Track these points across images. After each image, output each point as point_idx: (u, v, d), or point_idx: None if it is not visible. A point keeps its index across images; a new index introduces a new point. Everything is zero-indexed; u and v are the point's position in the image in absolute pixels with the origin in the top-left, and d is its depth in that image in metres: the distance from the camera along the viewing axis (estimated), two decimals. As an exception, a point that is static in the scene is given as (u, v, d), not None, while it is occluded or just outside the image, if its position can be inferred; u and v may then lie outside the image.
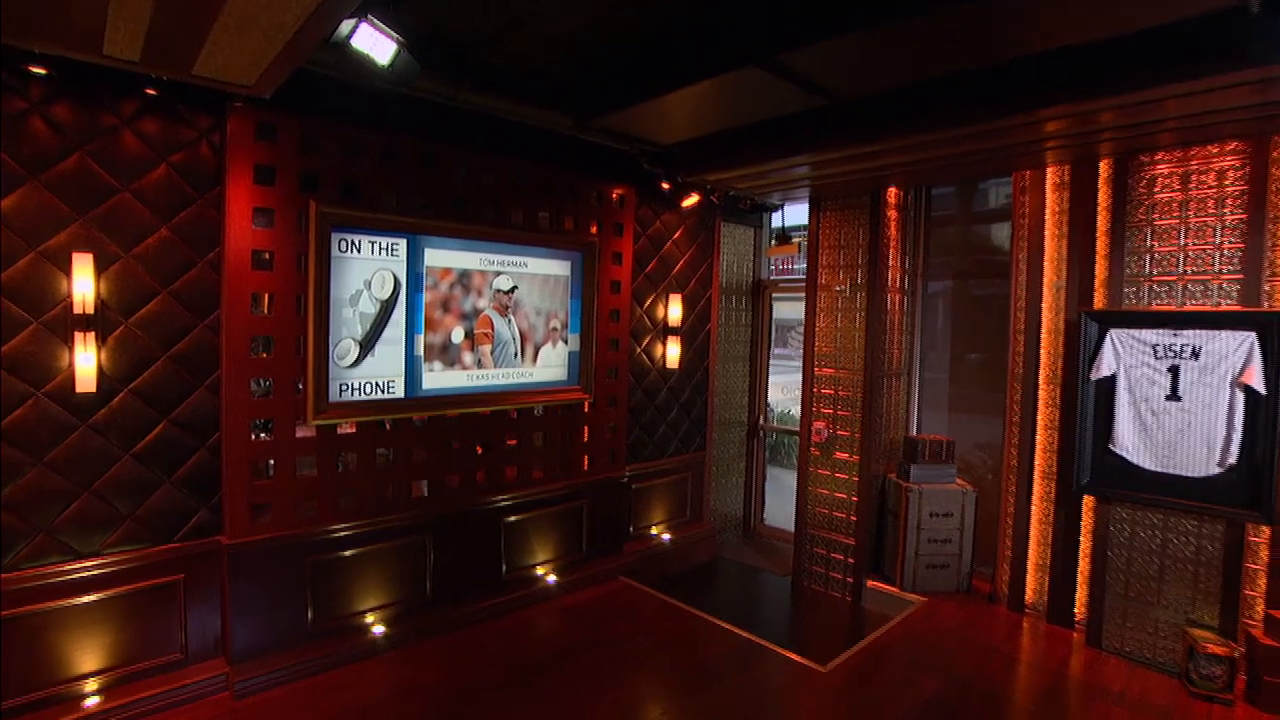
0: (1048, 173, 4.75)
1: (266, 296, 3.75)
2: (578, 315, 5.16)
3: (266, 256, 3.73)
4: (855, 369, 5.49)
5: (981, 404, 5.63)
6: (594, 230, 5.22)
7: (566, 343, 5.13)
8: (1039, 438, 4.80)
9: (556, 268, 5.03)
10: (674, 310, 5.91)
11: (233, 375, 3.63)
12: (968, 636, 4.55)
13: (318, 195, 3.84)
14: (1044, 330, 4.78)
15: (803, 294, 5.88)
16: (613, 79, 4.16)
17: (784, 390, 10.00)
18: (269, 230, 3.70)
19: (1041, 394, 4.79)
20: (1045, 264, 4.76)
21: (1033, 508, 4.82)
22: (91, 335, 3.21)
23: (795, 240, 6.24)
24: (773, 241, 6.32)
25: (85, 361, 3.20)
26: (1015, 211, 4.94)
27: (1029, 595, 4.83)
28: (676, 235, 5.94)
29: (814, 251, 5.72)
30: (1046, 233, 4.76)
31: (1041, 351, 4.80)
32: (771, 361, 7.03)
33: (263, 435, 3.83)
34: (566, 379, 5.15)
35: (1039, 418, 4.80)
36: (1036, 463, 4.81)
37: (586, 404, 5.26)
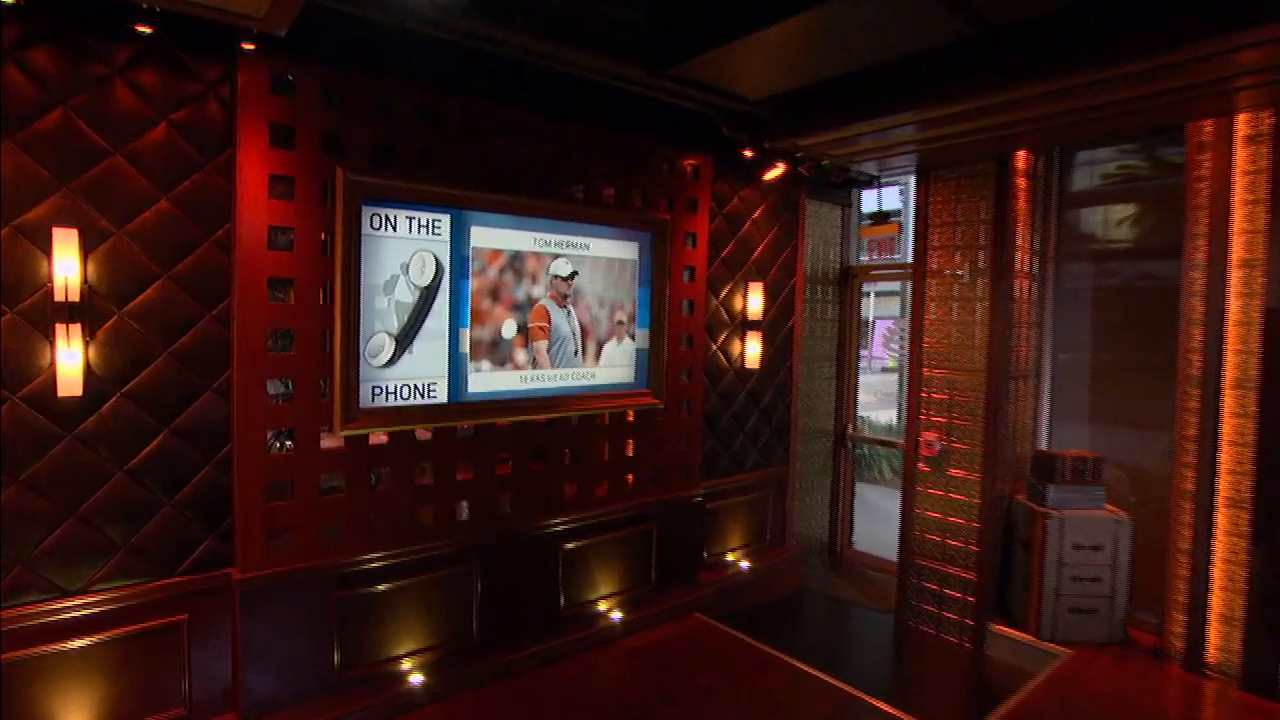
0: (1237, 121, 3.87)
1: (286, 282, 3.21)
2: (646, 306, 4.51)
3: (286, 234, 3.20)
4: (975, 369, 4.68)
5: (1131, 413, 4.74)
6: (665, 207, 4.56)
7: (634, 339, 4.48)
8: (1223, 456, 3.91)
9: (623, 250, 4.38)
10: (754, 301, 5.20)
11: (246, 376, 3.10)
12: (1139, 704, 3.70)
13: (345, 161, 3.29)
14: (1230, 321, 3.90)
15: (900, 283, 5.11)
16: (694, 15, 3.49)
17: (872, 394, 9.16)
18: (288, 203, 3.16)
19: (1227, 401, 3.90)
20: (1233, 237, 3.87)
21: (1215, 543, 3.93)
22: (77, 328, 2.71)
23: (894, 220, 5.45)
24: (866, 221, 5.54)
25: (69, 359, 2.70)
26: (1190, 173, 4.05)
27: (1211, 653, 3.94)
28: (757, 214, 5.23)
29: (922, 230, 4.93)
30: (1235, 198, 3.87)
31: (1227, 348, 3.91)
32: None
33: (285, 444, 3.30)
34: (634, 381, 4.50)
35: (1223, 430, 3.91)
36: (1220, 487, 3.92)
37: (656, 410, 4.60)
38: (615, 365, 4.41)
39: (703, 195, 4.76)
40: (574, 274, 4.16)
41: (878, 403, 11.92)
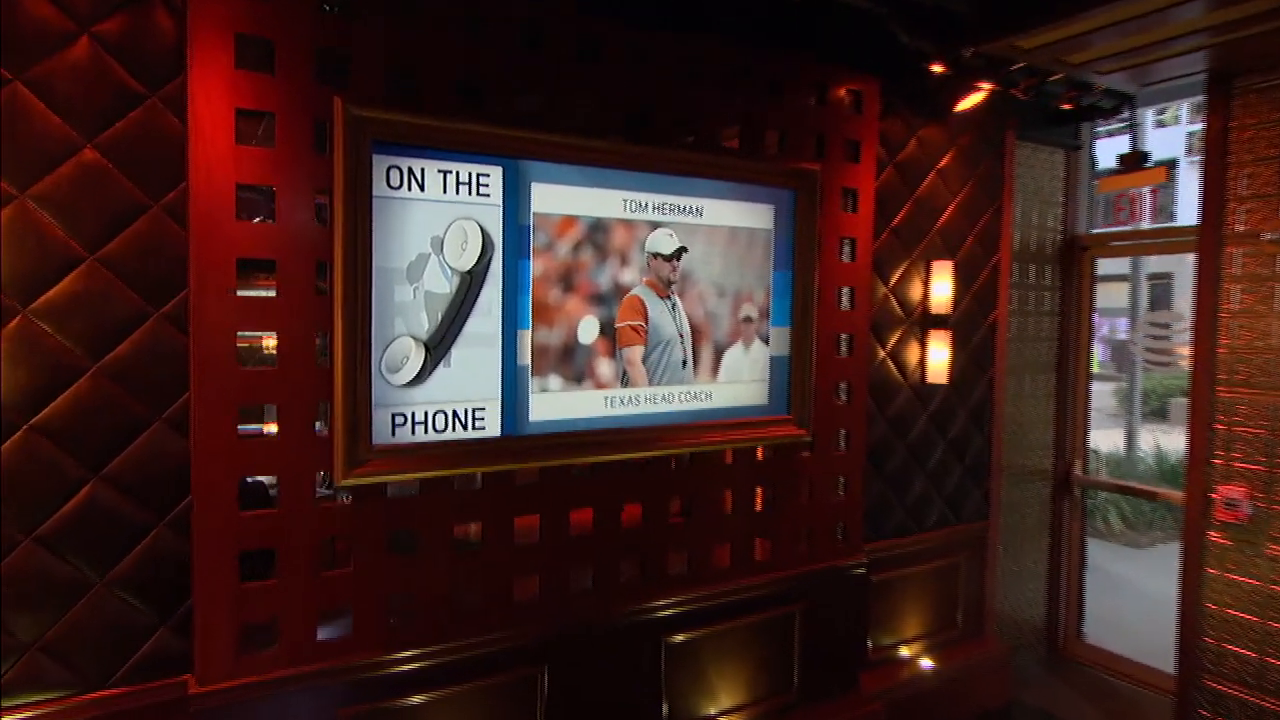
0: None
1: (265, 266, 2.47)
2: (785, 296, 3.44)
3: (263, 197, 2.46)
4: (1319, 388, 3.20)
5: None
6: (812, 153, 3.48)
7: (767, 342, 3.43)
8: None
9: (750, 216, 3.35)
10: (939, 288, 3.99)
11: (208, 400, 2.36)
12: None
13: (348, 90, 2.49)
14: None
15: (1129, 263, 3.69)
16: None
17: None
18: (266, 150, 2.40)
19: None
20: None
21: None
22: (-39, 333, 2.05)
23: (1158, 164, 4.03)
24: (1110, 168, 4.15)
25: (-49, 379, 2.05)
26: None
27: None
28: (943, 163, 4.02)
29: (1217, 174, 3.51)
30: None
31: None
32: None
33: (264, 488, 2.55)
34: (767, 403, 3.44)
35: None
36: None
37: (800, 444, 3.53)
38: (740, 380, 3.37)
39: (867, 135, 3.63)
40: (680, 251, 3.17)
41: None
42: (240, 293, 2.37)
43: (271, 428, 2.56)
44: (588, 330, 3.01)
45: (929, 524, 4.14)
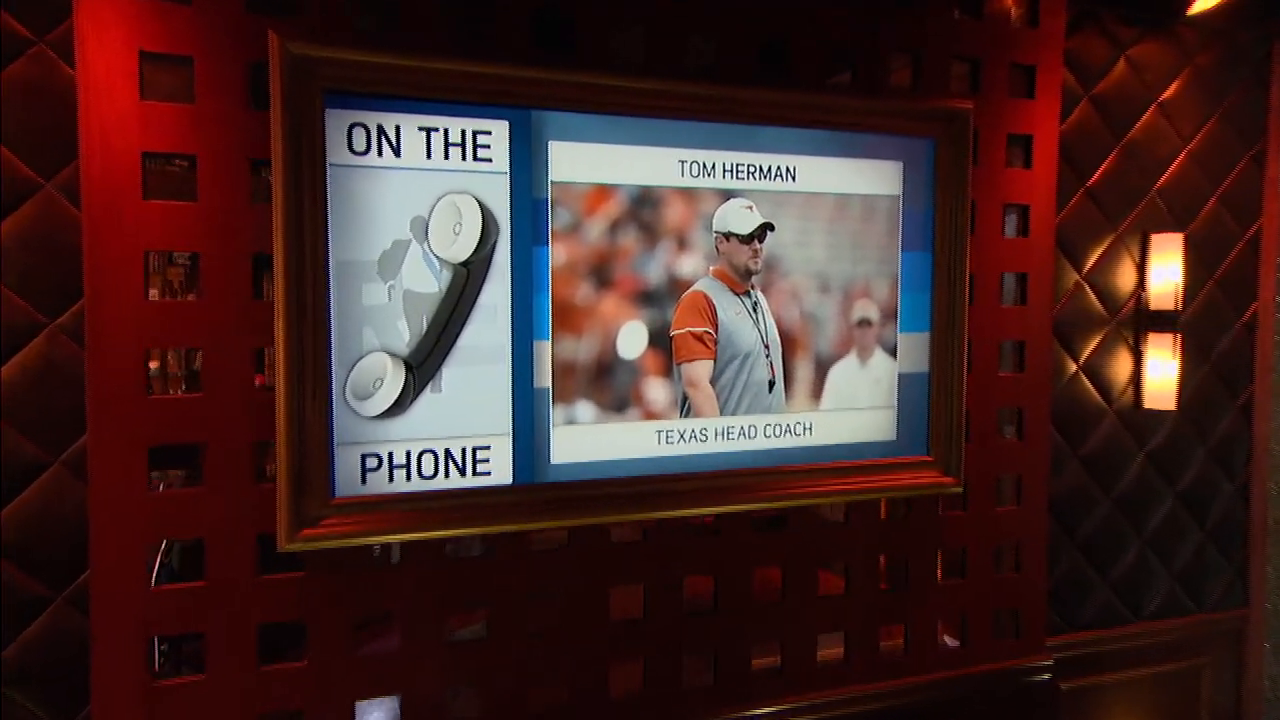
0: None
1: (185, 260, 1.99)
2: (921, 289, 2.59)
3: (179, 170, 1.98)
4: None
5: None
6: (961, 86, 2.64)
7: (893, 354, 2.58)
8: None
9: (867, 177, 2.52)
10: (1162, 272, 2.99)
11: (108, 440, 1.90)
12: None
13: (287, 19, 1.98)
14: None
15: None
16: None
17: None
18: (181, 108, 1.93)
19: None
20: None
21: None
22: None
23: None
24: None
25: None
26: None
27: None
28: (1169, 92, 3.00)
29: None
30: None
31: None
32: None
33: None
34: (894, 438, 2.60)
35: None
36: None
37: (943, 494, 2.67)
38: (854, 406, 2.55)
39: (1047, 58, 2.70)
40: (764, 229, 2.41)
41: None
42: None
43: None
44: (632, 340, 2.32)
45: (1149, 610, 3.09)
